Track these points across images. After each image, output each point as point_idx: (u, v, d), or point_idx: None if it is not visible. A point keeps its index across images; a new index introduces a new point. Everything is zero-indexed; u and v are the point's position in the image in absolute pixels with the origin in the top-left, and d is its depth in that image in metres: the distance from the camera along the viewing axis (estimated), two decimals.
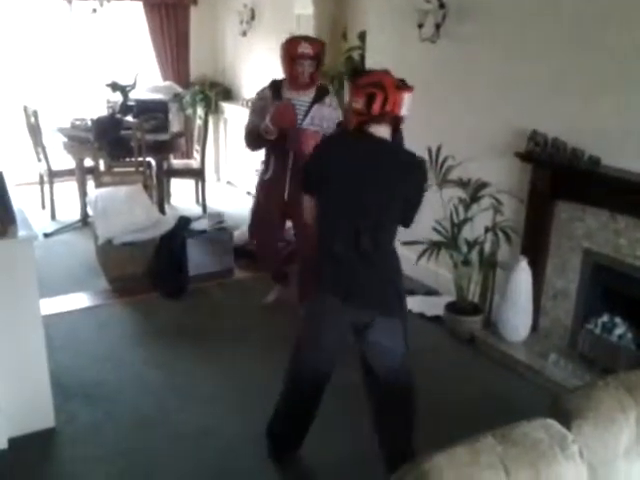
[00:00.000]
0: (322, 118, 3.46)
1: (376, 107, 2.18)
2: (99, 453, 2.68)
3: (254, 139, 3.54)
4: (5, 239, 2.49)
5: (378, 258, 2.28)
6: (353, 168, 2.24)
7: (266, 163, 3.66)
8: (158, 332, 3.73)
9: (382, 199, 2.23)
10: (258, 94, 3.62)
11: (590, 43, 3.12)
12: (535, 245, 3.48)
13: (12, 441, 2.66)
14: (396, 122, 2.26)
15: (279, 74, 3.60)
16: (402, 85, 2.23)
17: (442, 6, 3.87)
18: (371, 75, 2.26)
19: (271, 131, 3.34)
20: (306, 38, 3.53)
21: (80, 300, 4.09)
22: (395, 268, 2.36)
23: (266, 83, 3.63)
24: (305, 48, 3.39)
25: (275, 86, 3.54)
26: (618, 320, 3.17)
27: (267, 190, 3.68)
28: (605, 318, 3.20)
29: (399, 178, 2.24)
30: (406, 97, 2.22)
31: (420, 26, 3.98)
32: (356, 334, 2.36)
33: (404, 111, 2.23)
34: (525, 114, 3.48)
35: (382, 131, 2.24)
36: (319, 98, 3.49)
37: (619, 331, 3.13)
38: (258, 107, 3.57)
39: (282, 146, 3.44)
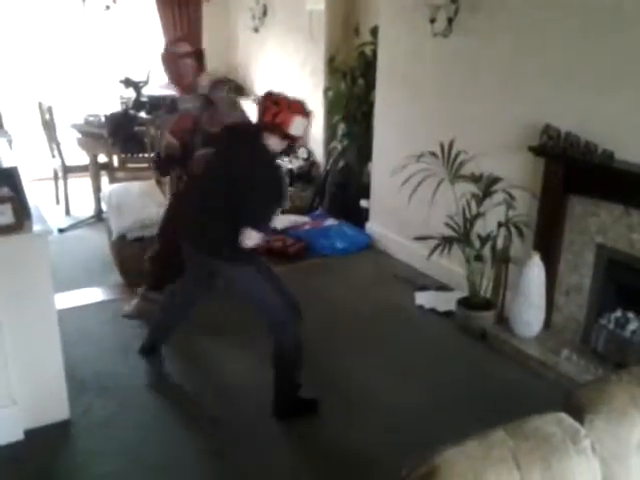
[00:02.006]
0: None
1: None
2: (112, 445, 2.71)
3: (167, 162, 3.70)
4: (20, 234, 2.52)
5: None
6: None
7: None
8: None
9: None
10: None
11: (603, 36, 3.09)
12: (548, 240, 3.47)
13: (28, 432, 2.70)
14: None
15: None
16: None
17: (454, 0, 3.85)
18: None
19: (173, 145, 3.45)
20: (182, 39, 3.81)
21: (94, 294, 4.13)
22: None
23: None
24: (184, 46, 3.54)
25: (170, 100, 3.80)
26: (631, 315, 3.15)
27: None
28: (618, 313, 3.18)
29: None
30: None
31: (432, 21, 3.97)
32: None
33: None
34: (538, 108, 3.46)
35: None
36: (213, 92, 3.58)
37: (632, 326, 3.11)
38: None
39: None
